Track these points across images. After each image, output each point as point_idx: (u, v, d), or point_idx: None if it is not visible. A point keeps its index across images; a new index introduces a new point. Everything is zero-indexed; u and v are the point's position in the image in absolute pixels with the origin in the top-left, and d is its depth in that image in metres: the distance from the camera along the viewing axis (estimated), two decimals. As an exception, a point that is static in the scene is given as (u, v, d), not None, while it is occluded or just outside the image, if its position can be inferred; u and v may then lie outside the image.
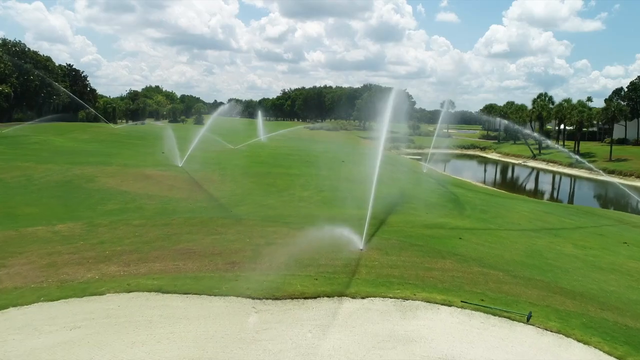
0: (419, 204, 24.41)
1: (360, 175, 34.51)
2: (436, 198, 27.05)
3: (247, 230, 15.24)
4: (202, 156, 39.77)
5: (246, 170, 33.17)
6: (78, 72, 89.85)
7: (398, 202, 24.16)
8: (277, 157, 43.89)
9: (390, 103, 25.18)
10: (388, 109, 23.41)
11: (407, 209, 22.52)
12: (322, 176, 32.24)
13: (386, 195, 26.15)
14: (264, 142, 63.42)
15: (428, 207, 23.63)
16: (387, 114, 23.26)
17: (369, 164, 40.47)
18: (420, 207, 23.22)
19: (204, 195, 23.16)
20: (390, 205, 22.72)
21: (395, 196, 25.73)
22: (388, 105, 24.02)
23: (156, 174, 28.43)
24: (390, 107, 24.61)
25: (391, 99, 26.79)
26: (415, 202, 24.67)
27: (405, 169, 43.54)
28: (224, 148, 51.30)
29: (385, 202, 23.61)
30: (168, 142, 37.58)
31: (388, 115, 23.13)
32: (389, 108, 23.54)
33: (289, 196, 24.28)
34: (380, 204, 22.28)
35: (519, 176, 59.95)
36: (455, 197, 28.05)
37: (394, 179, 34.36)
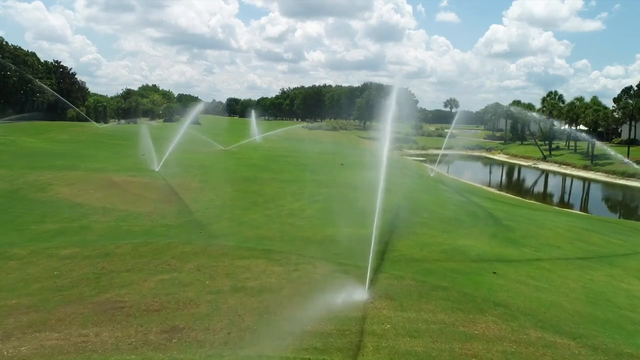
0: (432, 218, 20.50)
1: (362, 181, 30.58)
2: (451, 210, 23.14)
3: (211, 265, 11.34)
4: (185, 159, 35.95)
5: (231, 175, 29.26)
6: (65, 68, 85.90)
7: (406, 216, 20.24)
8: (269, 160, 40.00)
9: (394, 97, 21.46)
10: (391, 104, 19.70)
11: (419, 226, 18.60)
12: (317, 182, 28.35)
13: (392, 207, 22.26)
14: (258, 143, 59.47)
15: (443, 222, 19.72)
16: (390, 112, 19.53)
17: (371, 168, 36.32)
18: (434, 223, 19.32)
19: (174, 208, 19.24)
20: (398, 221, 18.82)
21: (403, 208, 21.84)
22: (391, 100, 20.31)
23: (125, 180, 24.52)
24: (394, 102, 20.96)
25: (395, 92, 23.06)
26: (427, 216, 20.75)
27: (411, 173, 39.62)
28: (213, 149, 47.41)
29: (391, 217, 19.74)
30: (144, 143, 33.63)
31: (392, 112, 19.41)
32: (392, 103, 19.82)
33: (276, 208, 20.35)
34: (386, 219, 18.46)
35: (534, 180, 55.81)
36: (473, 208, 24.15)
37: (400, 184, 30.44)
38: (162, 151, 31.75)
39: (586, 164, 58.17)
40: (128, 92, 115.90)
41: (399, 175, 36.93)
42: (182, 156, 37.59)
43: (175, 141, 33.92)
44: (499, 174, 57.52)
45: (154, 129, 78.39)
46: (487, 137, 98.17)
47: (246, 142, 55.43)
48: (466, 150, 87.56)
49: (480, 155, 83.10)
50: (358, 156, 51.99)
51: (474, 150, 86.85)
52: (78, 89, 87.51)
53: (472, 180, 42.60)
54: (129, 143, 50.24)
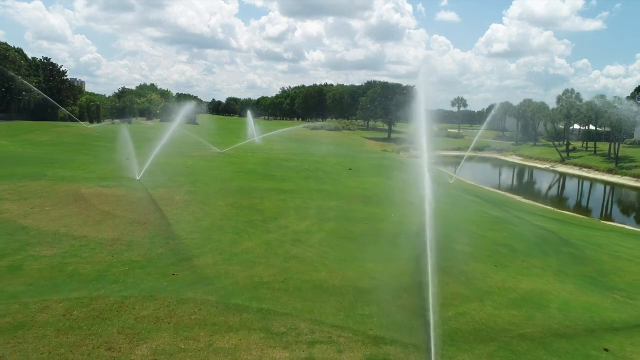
0: (476, 244, 16.35)
1: (377, 192, 26.36)
2: (493, 231, 18.97)
3: (176, 350, 7.18)
4: (174, 164, 31.82)
5: (225, 184, 25.08)
6: (55, 66, 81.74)
7: (443, 241, 16.05)
8: (268, 164, 35.84)
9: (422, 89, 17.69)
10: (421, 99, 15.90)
11: (464, 257, 14.48)
12: (325, 193, 24.21)
13: (420, 228, 18.14)
14: (258, 144, 55.20)
15: (491, 251, 15.57)
16: (422, 109, 15.68)
17: (382, 174, 32.18)
18: (480, 253, 15.17)
19: (147, 233, 15.06)
20: (436, 251, 14.65)
21: (435, 229, 17.67)
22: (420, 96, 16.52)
23: (95, 192, 20.36)
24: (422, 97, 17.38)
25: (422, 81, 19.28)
26: (468, 241, 16.59)
27: (427, 179, 35.43)
28: (207, 152, 43.27)
29: (424, 243, 15.59)
30: (125, 146, 29.47)
31: (425, 110, 15.69)
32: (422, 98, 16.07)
33: (277, 231, 16.19)
34: (418, 246, 14.37)
35: (560, 186, 51.11)
36: (517, 227, 19.97)
37: (421, 195, 26.29)
38: (149, 154, 27.59)
39: (610, 167, 54.06)
40: (123, 91, 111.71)
41: (414, 182, 32.76)
42: (170, 161, 33.45)
43: (161, 143, 29.68)
44: (520, 179, 53.13)
45: (146, 129, 74.20)
46: (497, 137, 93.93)
47: (245, 143, 51.18)
48: (476, 151, 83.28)
49: (491, 157, 78.89)
50: (365, 159, 47.89)
51: (484, 152, 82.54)
52: (68, 87, 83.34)
53: (494, 186, 38.25)
54: (115, 145, 46.09)
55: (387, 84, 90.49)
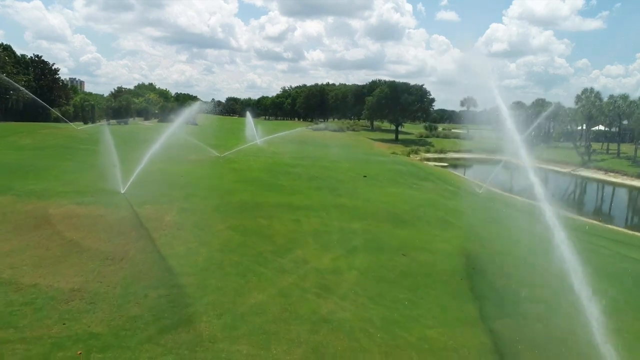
0: (555, 293, 12.40)
1: (403, 206, 22.38)
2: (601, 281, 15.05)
3: None
4: (167, 172, 27.98)
5: (226, 198, 21.23)
6: (47, 64, 77.83)
7: (513, 287, 12.26)
8: (274, 171, 32.00)
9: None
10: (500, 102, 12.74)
11: (549, 313, 10.63)
12: (344, 210, 20.37)
13: (470, 259, 14.30)
14: (260, 147, 51.20)
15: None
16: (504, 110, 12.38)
17: (402, 183, 28.41)
18: (570, 313, 11.27)
19: (120, 276, 11.23)
20: (508, 304, 10.89)
21: (491, 263, 13.92)
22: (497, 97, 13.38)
23: (67, 213, 16.56)
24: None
25: None
26: (546, 290, 12.65)
27: (453, 188, 31.55)
28: (206, 156, 39.41)
29: (485, 288, 11.82)
30: (106, 151, 25.61)
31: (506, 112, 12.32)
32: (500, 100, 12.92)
33: (294, 271, 12.37)
34: (478, 291, 10.62)
35: (599, 196, 46.53)
36: (601, 260, 16.07)
37: (453, 210, 22.46)
38: (140, 160, 23.75)
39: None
40: (119, 90, 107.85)
41: (440, 192, 28.93)
42: (164, 168, 29.61)
43: (154, 148, 25.85)
44: (550, 186, 48.96)
45: (141, 131, 70.31)
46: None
47: (247, 146, 47.28)
48: (487, 153, 79.43)
49: (504, 159, 74.97)
50: (378, 163, 43.98)
51: (495, 154, 78.69)
52: (61, 86, 79.45)
53: (529, 196, 34.30)
54: (105, 149, 42.28)
55: (395, 83, 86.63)
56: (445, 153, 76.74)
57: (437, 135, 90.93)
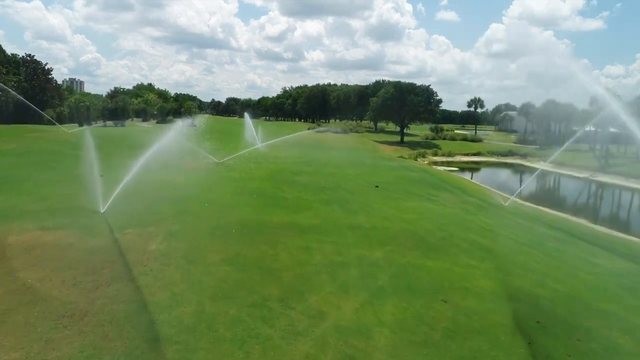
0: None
1: (426, 225, 19.33)
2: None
3: None
4: (158, 182, 25.18)
5: (223, 217, 18.33)
6: (39, 63, 74.99)
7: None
8: (277, 180, 29.13)
9: None
10: None
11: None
12: (360, 231, 17.49)
13: (532, 307, 11.40)
14: (261, 151, 48.24)
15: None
16: None
17: (420, 194, 25.45)
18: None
19: (77, 347, 8.33)
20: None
21: (578, 317, 11.01)
22: None
23: (29, 241, 13.70)
24: None
25: None
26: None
27: (474, 200, 28.60)
28: (203, 163, 36.54)
29: None
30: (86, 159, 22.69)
31: None
32: None
33: (309, 331, 9.50)
34: None
35: (634, 206, 42.57)
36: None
37: (482, 229, 19.54)
38: (130, 168, 20.86)
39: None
40: (115, 91, 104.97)
41: (461, 205, 25.99)
42: (155, 178, 26.75)
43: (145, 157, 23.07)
44: (578, 195, 45.26)
45: (137, 133, 67.37)
46: (517, 140, 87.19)
47: (248, 151, 44.36)
48: (498, 156, 76.64)
49: (515, 163, 72.11)
50: (387, 169, 41.07)
51: (507, 157, 75.84)
52: (54, 87, 76.57)
53: (565, 210, 30.91)
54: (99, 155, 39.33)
55: (400, 83, 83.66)
56: (454, 156, 73.89)
57: (444, 137, 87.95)
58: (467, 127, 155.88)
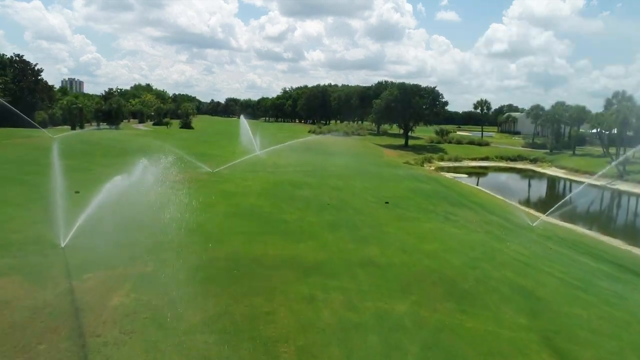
0: None
1: (453, 260, 15.86)
2: None
3: None
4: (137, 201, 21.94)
5: (209, 251, 15.26)
6: (28, 64, 71.87)
7: None
8: (276, 196, 26.05)
9: None
10: None
11: None
12: (375, 269, 14.42)
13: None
14: (259, 157, 45.04)
15: None
16: None
17: (436, 213, 22.16)
18: None
19: None
20: None
21: None
22: None
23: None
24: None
25: None
26: None
27: (498, 219, 25.47)
28: (195, 173, 33.37)
29: None
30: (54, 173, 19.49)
31: None
32: None
33: None
34: None
35: None
36: None
37: (525, 268, 16.40)
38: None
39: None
40: (110, 92, 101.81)
41: (486, 227, 22.84)
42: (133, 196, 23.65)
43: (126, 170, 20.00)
44: (599, 206, 41.88)
45: (130, 138, 64.25)
46: (527, 144, 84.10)
47: (245, 159, 41.22)
48: (507, 161, 73.55)
49: (525, 169, 69.00)
50: (395, 180, 37.89)
51: (516, 162, 72.73)
52: (44, 88, 73.44)
53: (591, 226, 27.82)
54: (78, 164, 36.26)
55: (404, 84, 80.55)
56: (461, 161, 70.79)
57: (449, 140, 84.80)
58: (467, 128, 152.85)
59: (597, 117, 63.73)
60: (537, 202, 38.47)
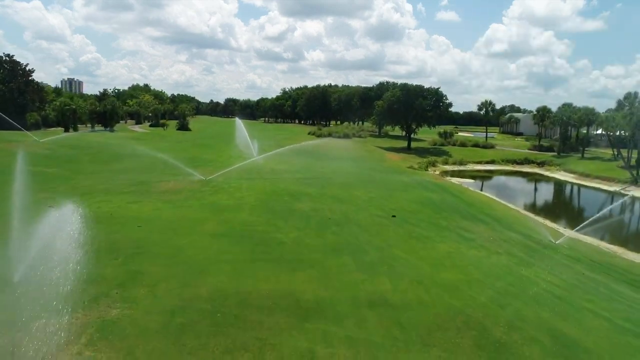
0: None
1: (479, 295, 12.34)
2: None
3: None
4: (116, 216, 19.74)
5: (190, 289, 12.86)
6: (19, 64, 69.47)
7: None
8: (272, 210, 23.67)
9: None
10: None
11: None
12: (389, 314, 12.05)
13: None
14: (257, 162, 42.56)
15: None
16: None
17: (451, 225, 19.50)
18: None
19: None
20: None
21: None
22: None
23: None
24: None
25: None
26: None
27: (518, 237, 23.02)
28: (185, 182, 30.96)
29: None
30: (16, 189, 16.99)
31: None
32: None
33: None
34: None
35: None
36: None
37: (561, 304, 14.00)
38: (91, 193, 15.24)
39: None
40: (104, 93, 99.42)
41: (506, 248, 20.39)
42: (117, 208, 21.29)
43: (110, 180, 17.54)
44: (619, 216, 39.08)
45: (125, 141, 61.87)
46: (533, 147, 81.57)
47: (241, 165, 38.82)
48: (513, 164, 71.13)
49: (532, 172, 66.57)
50: (400, 188, 35.48)
51: (523, 166, 70.31)
52: (35, 89, 71.05)
53: (621, 243, 25.20)
54: (60, 172, 33.87)
55: (407, 85, 78.10)
56: (466, 164, 68.36)
57: (453, 143, 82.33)
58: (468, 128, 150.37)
59: (609, 119, 61.25)
60: (553, 212, 35.98)
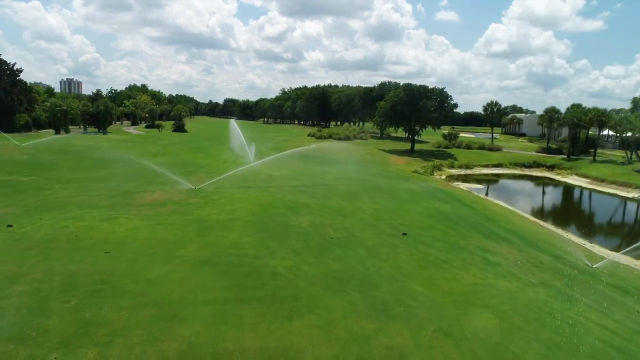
0: None
1: (528, 355, 10.99)
2: None
3: None
4: (85, 237, 16.79)
5: (156, 346, 9.87)
6: (5, 63, 66.55)
7: None
8: (267, 225, 20.75)
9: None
10: None
11: None
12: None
13: None
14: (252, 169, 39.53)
15: None
16: None
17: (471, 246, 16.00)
18: None
19: None
20: None
21: None
22: None
23: None
24: None
25: None
26: None
27: (546, 257, 20.05)
28: (172, 192, 27.96)
29: None
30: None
31: None
32: None
33: None
34: None
35: None
36: None
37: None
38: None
39: None
40: (97, 94, 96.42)
41: (539, 276, 17.41)
42: (88, 227, 18.28)
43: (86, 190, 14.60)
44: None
45: (116, 144, 58.95)
46: (541, 149, 78.60)
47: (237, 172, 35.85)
48: (521, 168, 68.23)
49: (542, 176, 63.65)
50: (409, 198, 32.47)
51: (532, 169, 67.38)
52: (23, 89, 68.09)
53: None
54: (35, 181, 30.86)
55: (411, 85, 75.11)
56: (472, 168, 65.51)
57: (458, 145, 79.36)
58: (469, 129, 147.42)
59: (623, 120, 58.34)
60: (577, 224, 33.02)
